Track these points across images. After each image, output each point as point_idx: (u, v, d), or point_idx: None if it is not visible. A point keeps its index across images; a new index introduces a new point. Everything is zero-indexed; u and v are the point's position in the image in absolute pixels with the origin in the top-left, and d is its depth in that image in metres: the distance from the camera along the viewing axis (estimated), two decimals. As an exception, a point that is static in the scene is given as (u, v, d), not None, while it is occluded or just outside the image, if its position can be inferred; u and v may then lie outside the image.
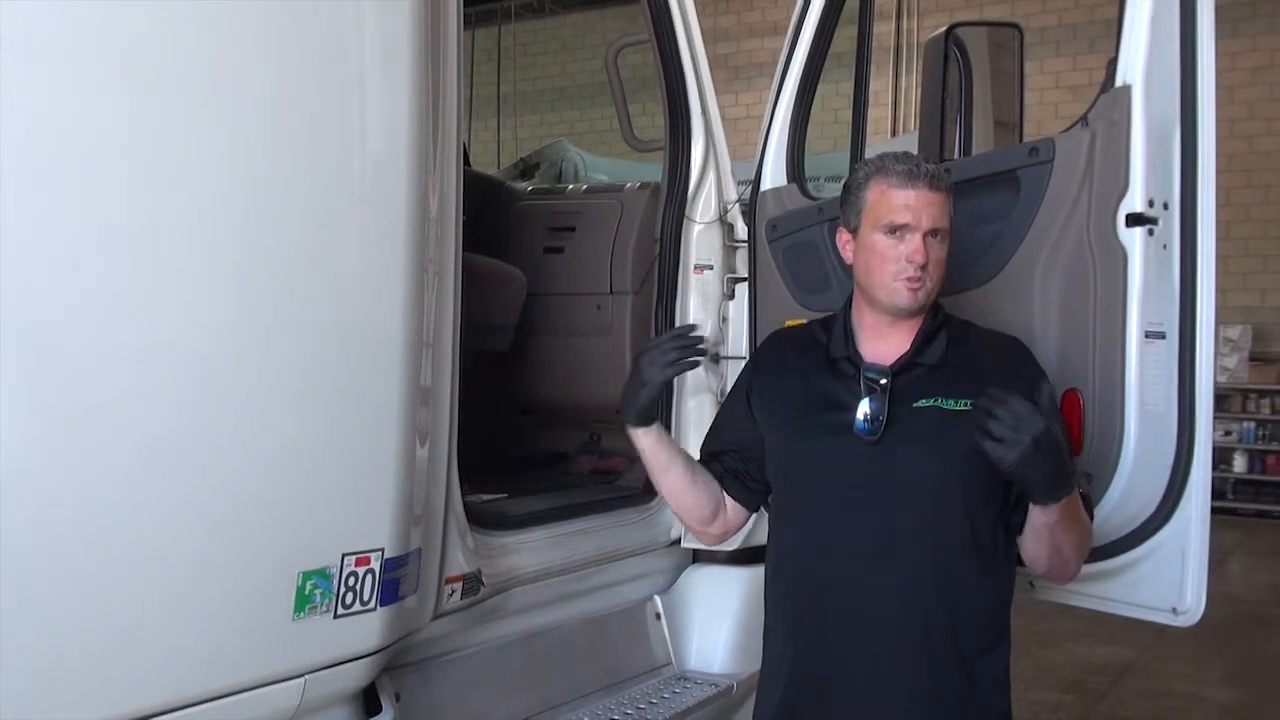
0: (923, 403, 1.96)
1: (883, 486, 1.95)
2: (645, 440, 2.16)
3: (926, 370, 2.00)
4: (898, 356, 2.01)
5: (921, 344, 2.02)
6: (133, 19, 1.63)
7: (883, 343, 2.04)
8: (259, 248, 1.79)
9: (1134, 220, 2.13)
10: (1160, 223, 2.14)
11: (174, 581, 1.71)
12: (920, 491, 1.94)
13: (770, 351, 2.24)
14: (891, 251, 1.98)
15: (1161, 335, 2.14)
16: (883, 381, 1.98)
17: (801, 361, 2.14)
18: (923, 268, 1.96)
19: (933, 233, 1.97)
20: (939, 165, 2.08)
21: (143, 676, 1.71)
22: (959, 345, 2.02)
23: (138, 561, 1.67)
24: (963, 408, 1.92)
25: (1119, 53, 2.19)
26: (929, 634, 1.97)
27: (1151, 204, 2.13)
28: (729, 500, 2.21)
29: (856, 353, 2.05)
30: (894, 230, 1.97)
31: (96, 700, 1.66)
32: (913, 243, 1.96)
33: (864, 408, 1.98)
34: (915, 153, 2.10)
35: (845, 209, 2.08)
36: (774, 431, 2.13)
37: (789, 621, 2.12)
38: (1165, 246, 2.15)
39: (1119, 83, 2.17)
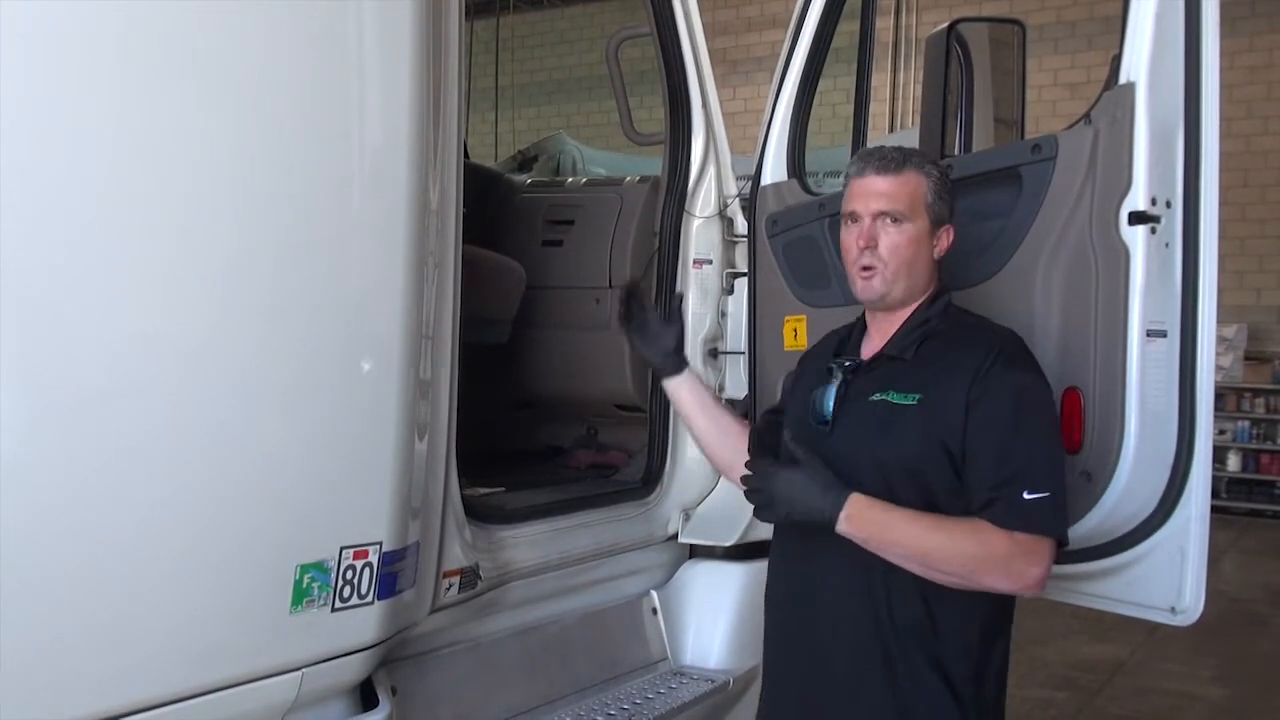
0: (876, 396, 2.00)
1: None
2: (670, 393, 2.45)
3: (894, 364, 2.03)
4: None
5: (899, 338, 2.04)
6: (132, 12, 1.62)
7: (879, 336, 2.08)
8: (259, 239, 1.78)
9: (1136, 218, 2.12)
10: (1162, 221, 2.13)
11: (172, 575, 1.70)
12: (867, 483, 1.96)
13: (815, 345, 2.31)
14: (847, 240, 2.05)
15: (1163, 334, 2.13)
16: (833, 372, 2.07)
17: (823, 354, 2.21)
18: (870, 251, 1.99)
19: (888, 216, 1.99)
20: (904, 149, 2.08)
21: (140, 669, 1.70)
22: (938, 338, 2.02)
23: (135, 554, 1.66)
24: (911, 401, 1.96)
25: (1123, 50, 2.17)
26: (887, 632, 1.97)
27: (1154, 202, 2.12)
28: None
29: (854, 348, 2.11)
30: (851, 220, 2.04)
31: (93, 693, 1.65)
32: (859, 228, 2.01)
33: (817, 400, 2.07)
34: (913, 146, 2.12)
35: None
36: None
37: (770, 610, 2.19)
38: (1167, 245, 2.14)
39: (1122, 80, 2.16)
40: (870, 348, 2.10)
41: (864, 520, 1.92)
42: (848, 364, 2.08)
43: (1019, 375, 1.95)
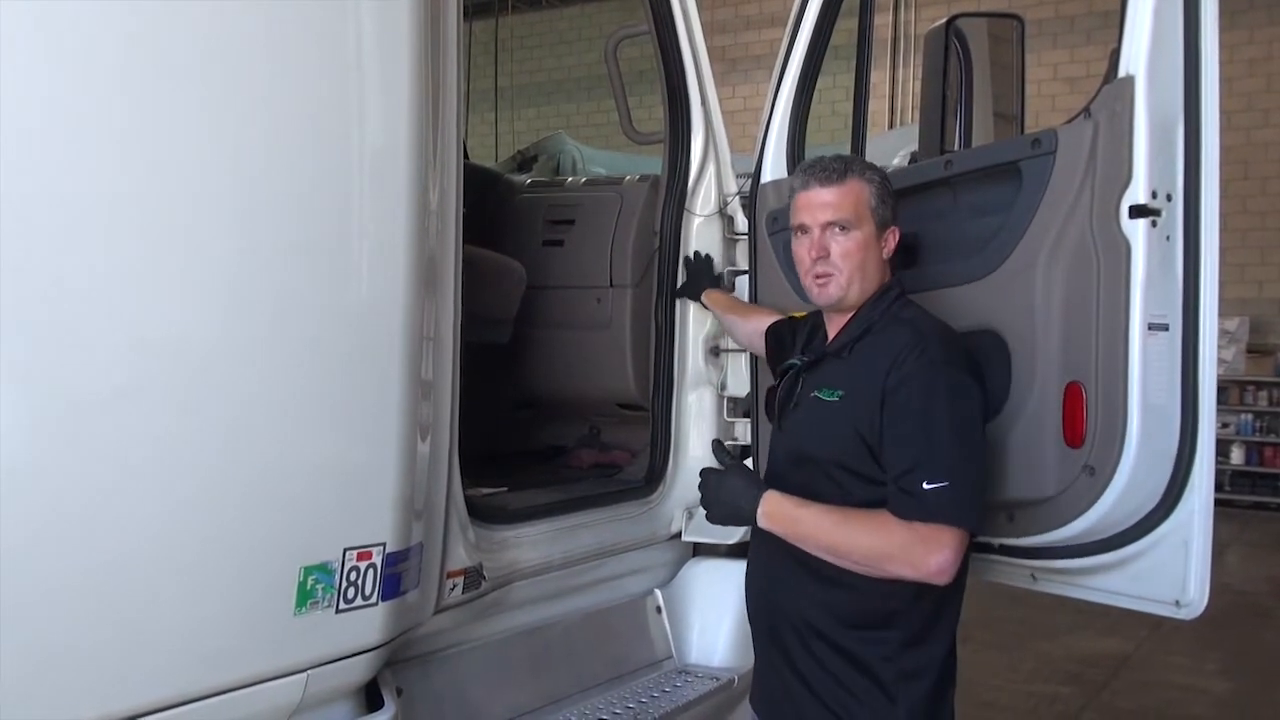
0: (814, 393, 2.13)
1: (779, 469, 2.19)
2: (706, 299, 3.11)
3: (833, 361, 2.15)
4: None
5: (842, 336, 2.16)
6: (133, 14, 1.61)
7: (832, 334, 2.22)
8: (259, 242, 1.78)
9: (1137, 212, 2.11)
10: (1163, 214, 2.12)
11: (176, 577, 1.70)
12: (800, 474, 2.11)
13: (801, 323, 2.43)
14: (800, 251, 2.16)
15: (1164, 327, 2.12)
16: (785, 371, 2.23)
17: (805, 334, 2.36)
18: (823, 260, 2.11)
19: (836, 225, 2.10)
20: (844, 158, 2.19)
21: (145, 672, 1.70)
22: (874, 334, 2.11)
23: (140, 557, 1.66)
24: (835, 398, 2.08)
25: (1121, 43, 2.17)
26: (804, 612, 2.10)
27: (1154, 195, 2.12)
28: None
29: (819, 345, 2.25)
30: (801, 231, 2.15)
31: (98, 696, 1.65)
32: (810, 239, 2.12)
33: (769, 396, 2.26)
34: (911, 146, 2.16)
35: None
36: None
37: (746, 595, 2.34)
38: (1168, 238, 2.14)
39: (1121, 73, 2.15)
40: (825, 346, 2.24)
41: (778, 516, 2.07)
42: (802, 360, 2.22)
43: (932, 367, 2.01)
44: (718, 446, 2.31)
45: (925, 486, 1.92)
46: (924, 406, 1.98)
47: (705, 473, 2.20)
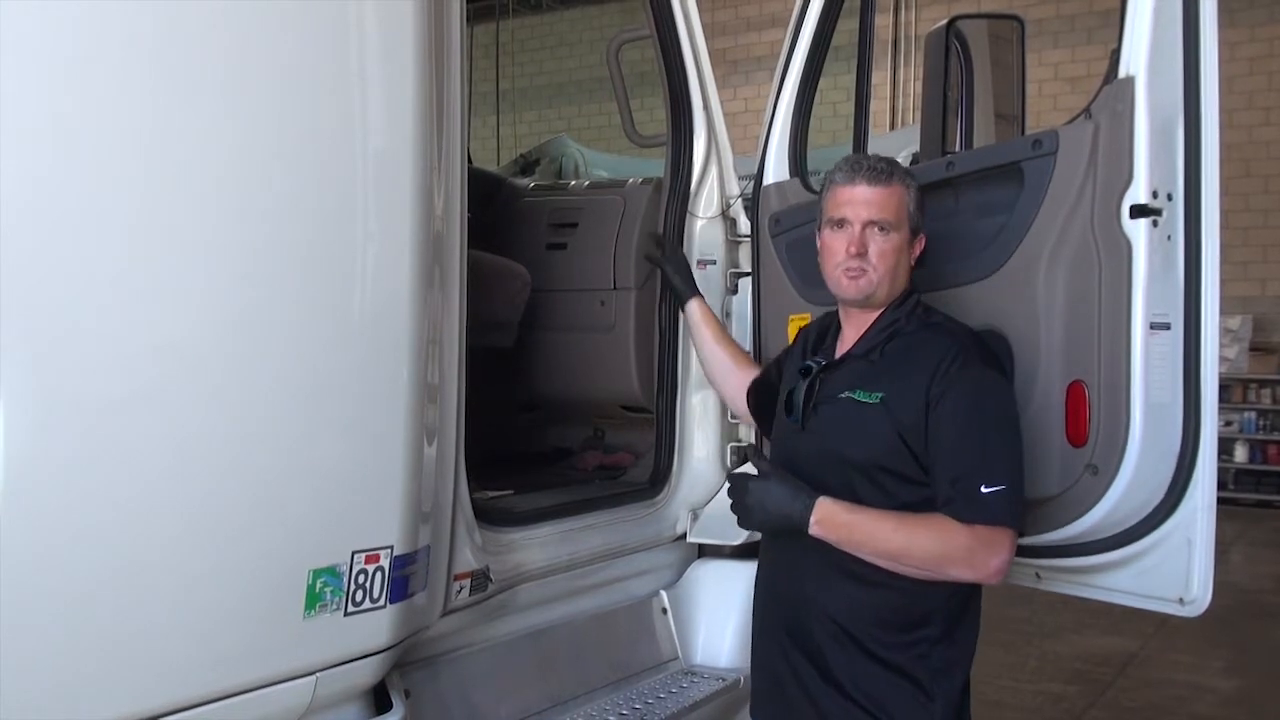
0: (845, 394, 2.11)
1: (804, 469, 2.13)
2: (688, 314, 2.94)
3: (862, 363, 2.14)
4: None
5: (869, 338, 2.15)
6: (137, 18, 1.63)
7: (853, 334, 2.20)
8: (265, 247, 1.79)
9: (1138, 211, 2.12)
10: (1164, 214, 2.14)
11: (185, 581, 1.71)
12: (832, 475, 2.08)
13: (803, 331, 2.43)
14: (835, 244, 2.15)
15: (1166, 326, 2.14)
16: (807, 370, 2.20)
17: (806, 345, 2.35)
18: (860, 257, 2.10)
19: (877, 225, 2.11)
20: (889, 160, 2.20)
21: (154, 675, 1.71)
22: (904, 338, 2.12)
23: (149, 561, 1.67)
24: (874, 400, 2.07)
25: (1121, 43, 2.18)
26: (837, 613, 2.08)
27: (1155, 195, 2.13)
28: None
29: (831, 345, 2.25)
30: (837, 225, 2.14)
31: (107, 699, 1.66)
32: (849, 235, 2.11)
33: (791, 396, 2.21)
34: (915, 146, 2.16)
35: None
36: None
37: (756, 595, 2.32)
38: (1169, 238, 2.15)
39: (1122, 74, 2.16)
40: (844, 346, 2.21)
41: (832, 524, 2.03)
42: (820, 362, 2.20)
43: (975, 373, 2.04)
44: (755, 452, 2.28)
45: (984, 490, 1.95)
46: (974, 412, 2.01)
47: (740, 479, 2.14)
